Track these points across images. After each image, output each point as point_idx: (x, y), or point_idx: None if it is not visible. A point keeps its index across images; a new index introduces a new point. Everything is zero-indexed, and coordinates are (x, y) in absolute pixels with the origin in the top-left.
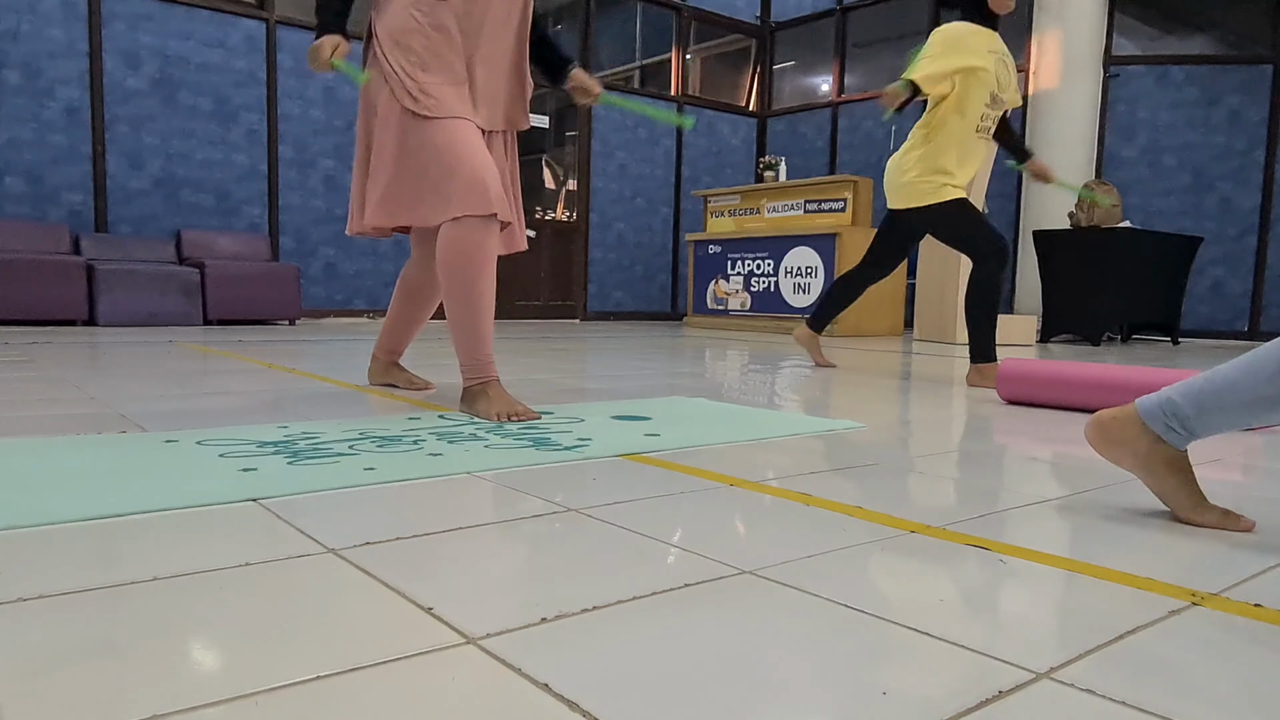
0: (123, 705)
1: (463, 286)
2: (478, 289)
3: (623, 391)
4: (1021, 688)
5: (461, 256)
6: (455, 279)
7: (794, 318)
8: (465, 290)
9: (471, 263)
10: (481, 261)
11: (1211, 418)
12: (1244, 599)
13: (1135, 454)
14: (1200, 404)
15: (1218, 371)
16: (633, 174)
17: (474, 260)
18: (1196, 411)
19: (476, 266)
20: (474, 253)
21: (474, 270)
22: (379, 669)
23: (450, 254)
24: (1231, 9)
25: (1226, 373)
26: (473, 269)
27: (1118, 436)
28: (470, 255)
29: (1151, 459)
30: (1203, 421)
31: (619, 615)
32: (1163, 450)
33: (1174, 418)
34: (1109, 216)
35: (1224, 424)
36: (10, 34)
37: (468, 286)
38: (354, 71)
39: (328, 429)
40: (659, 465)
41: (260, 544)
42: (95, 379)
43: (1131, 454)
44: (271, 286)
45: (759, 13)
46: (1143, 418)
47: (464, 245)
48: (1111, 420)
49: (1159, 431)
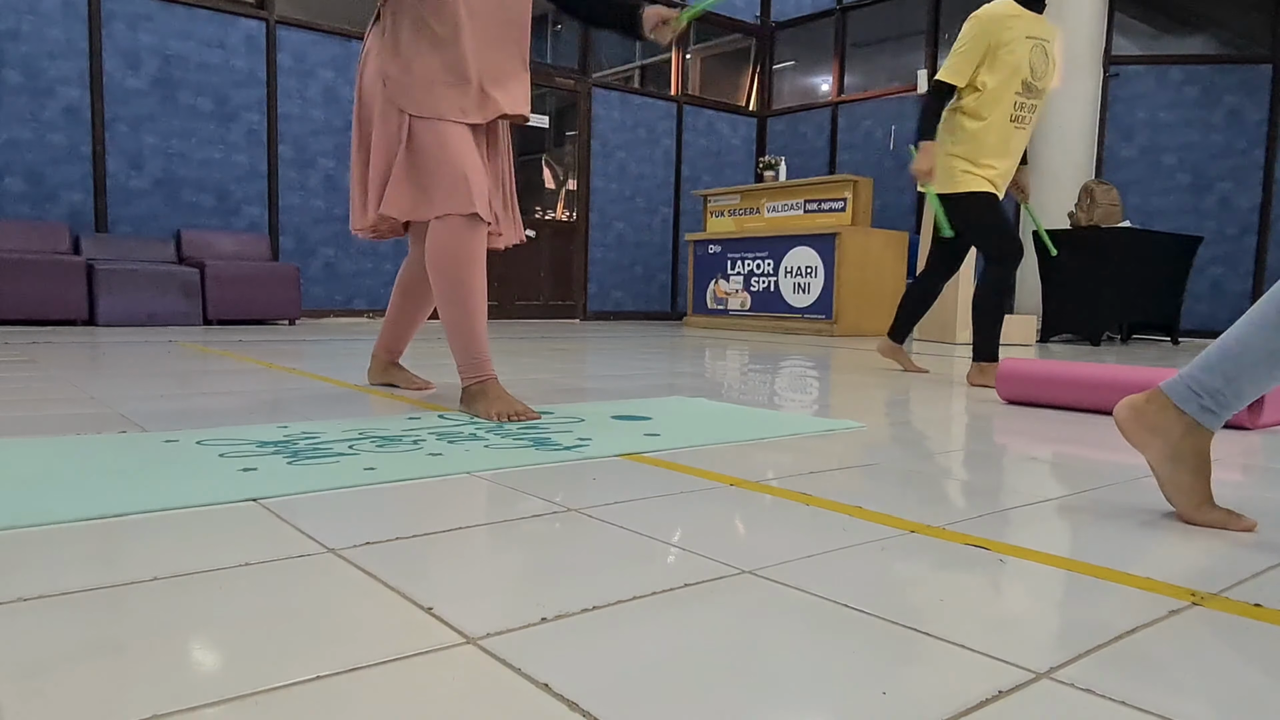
0: (123, 705)
1: (452, 286)
2: (467, 288)
3: (623, 391)
4: (1021, 688)
5: (448, 257)
6: (444, 279)
7: (794, 318)
8: (455, 290)
9: (459, 262)
10: (468, 260)
11: (1241, 383)
12: (1244, 599)
13: (1168, 441)
14: (1225, 373)
15: (1226, 339)
16: (633, 174)
17: (461, 260)
18: (1225, 381)
19: (464, 266)
20: (460, 252)
21: (462, 270)
22: (379, 669)
23: (438, 255)
24: (1231, 9)
25: (1237, 335)
26: (461, 269)
27: (1153, 422)
28: (456, 255)
29: (1183, 447)
30: (1234, 389)
31: (619, 615)
32: (1195, 438)
33: (1207, 395)
34: (1109, 216)
35: (1255, 385)
36: (10, 34)
37: (457, 286)
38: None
39: (328, 429)
40: (659, 465)
41: (260, 544)
42: (95, 379)
43: (1164, 441)
44: (271, 286)
45: (759, 12)
46: (1176, 403)
47: (449, 246)
48: (1147, 404)
49: (1194, 414)
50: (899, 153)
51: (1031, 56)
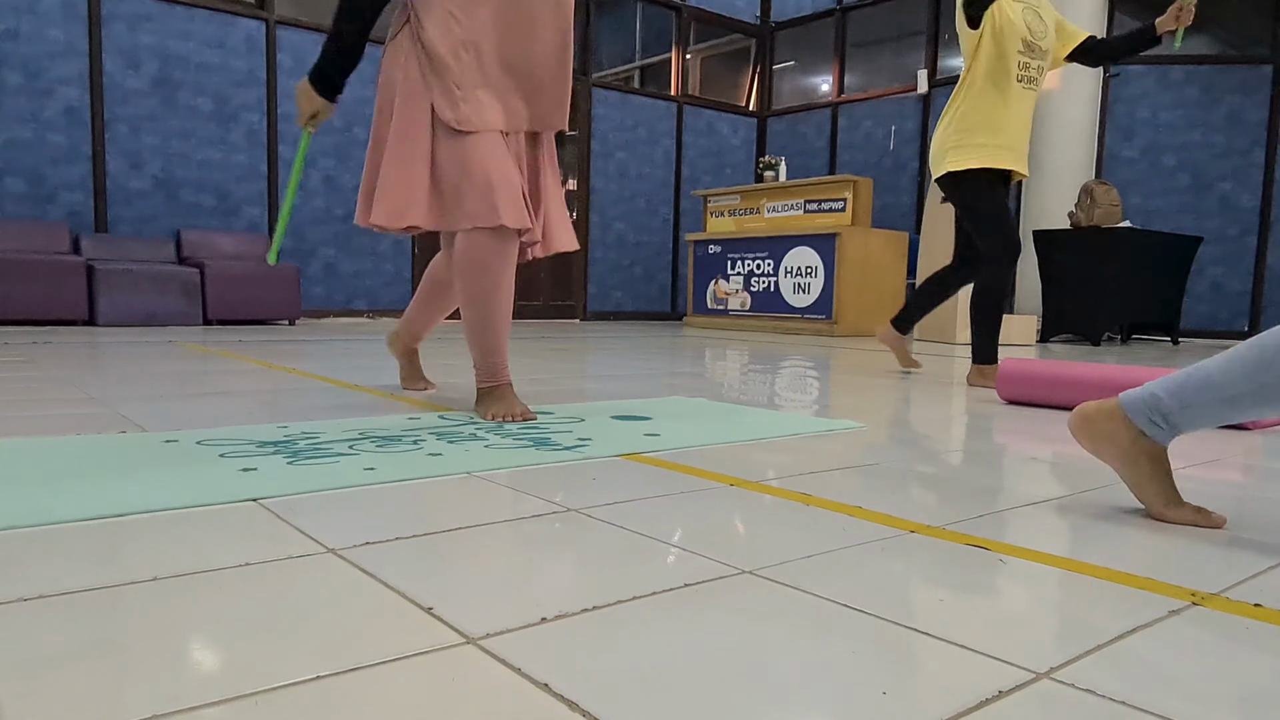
0: (123, 705)
1: (477, 296)
2: (495, 299)
3: (623, 391)
4: (1021, 688)
5: (475, 268)
6: (469, 289)
7: (794, 318)
8: (479, 300)
9: (486, 274)
10: (495, 272)
11: (1194, 413)
12: (1244, 599)
13: (1117, 447)
14: (1183, 399)
15: (1201, 367)
16: (633, 174)
17: (487, 271)
18: (1180, 406)
19: (491, 277)
20: (487, 264)
21: (488, 281)
22: (379, 669)
23: (464, 265)
24: (1231, 9)
25: (1209, 369)
26: (486, 279)
27: (1101, 429)
28: (484, 266)
29: (1133, 452)
30: (1185, 416)
31: (619, 615)
32: (1144, 444)
33: (1157, 412)
34: (1109, 216)
35: (1206, 420)
36: (10, 34)
37: (482, 297)
38: (303, 146)
39: (328, 429)
40: (659, 465)
41: (260, 544)
42: (95, 379)
43: (1114, 447)
44: (271, 286)
45: (759, 13)
46: (1126, 411)
47: (476, 257)
48: (1096, 412)
49: (1141, 425)
50: (899, 152)
51: (1025, 16)
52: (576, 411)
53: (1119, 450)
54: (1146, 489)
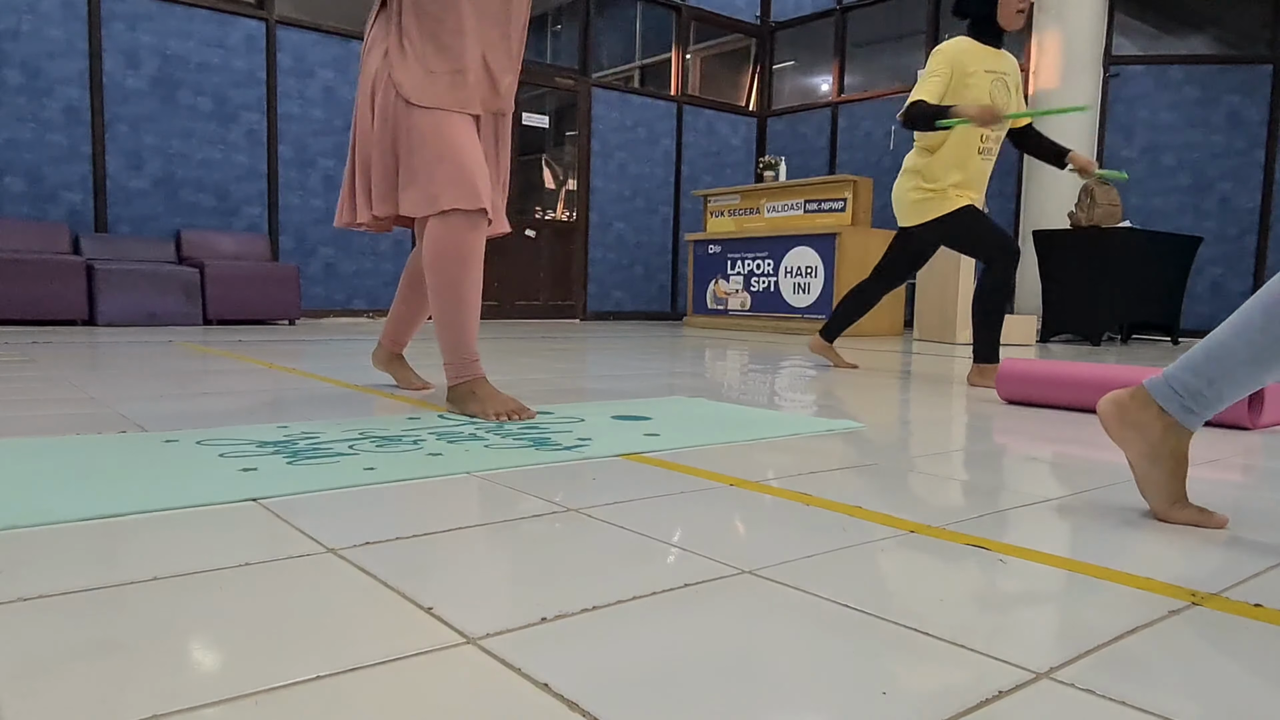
0: (123, 705)
1: (449, 283)
2: (465, 285)
3: (623, 391)
4: (1021, 688)
5: (449, 253)
6: (441, 276)
7: (794, 318)
8: (452, 287)
9: (459, 259)
10: (468, 257)
11: (1222, 385)
12: (1244, 599)
13: (1147, 439)
14: (1207, 375)
15: (1211, 339)
16: (632, 174)
17: (460, 257)
18: (1207, 383)
19: (463, 263)
20: (460, 249)
21: (461, 267)
22: (379, 669)
23: (437, 251)
24: (1231, 9)
25: (1221, 338)
26: (459, 266)
27: (1134, 418)
28: (457, 251)
29: (1161, 446)
30: (1215, 391)
31: (619, 615)
32: (1174, 437)
33: (1189, 396)
34: (1109, 216)
35: (1236, 387)
36: (10, 34)
37: (455, 283)
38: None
39: (327, 429)
40: (659, 465)
41: (260, 544)
42: (95, 379)
43: (1143, 438)
44: (271, 286)
45: (759, 12)
46: (1158, 401)
47: (451, 242)
48: (1130, 400)
49: (1175, 413)
50: (899, 152)
51: (992, 89)
52: (576, 411)
53: (1147, 445)
54: (1159, 487)
